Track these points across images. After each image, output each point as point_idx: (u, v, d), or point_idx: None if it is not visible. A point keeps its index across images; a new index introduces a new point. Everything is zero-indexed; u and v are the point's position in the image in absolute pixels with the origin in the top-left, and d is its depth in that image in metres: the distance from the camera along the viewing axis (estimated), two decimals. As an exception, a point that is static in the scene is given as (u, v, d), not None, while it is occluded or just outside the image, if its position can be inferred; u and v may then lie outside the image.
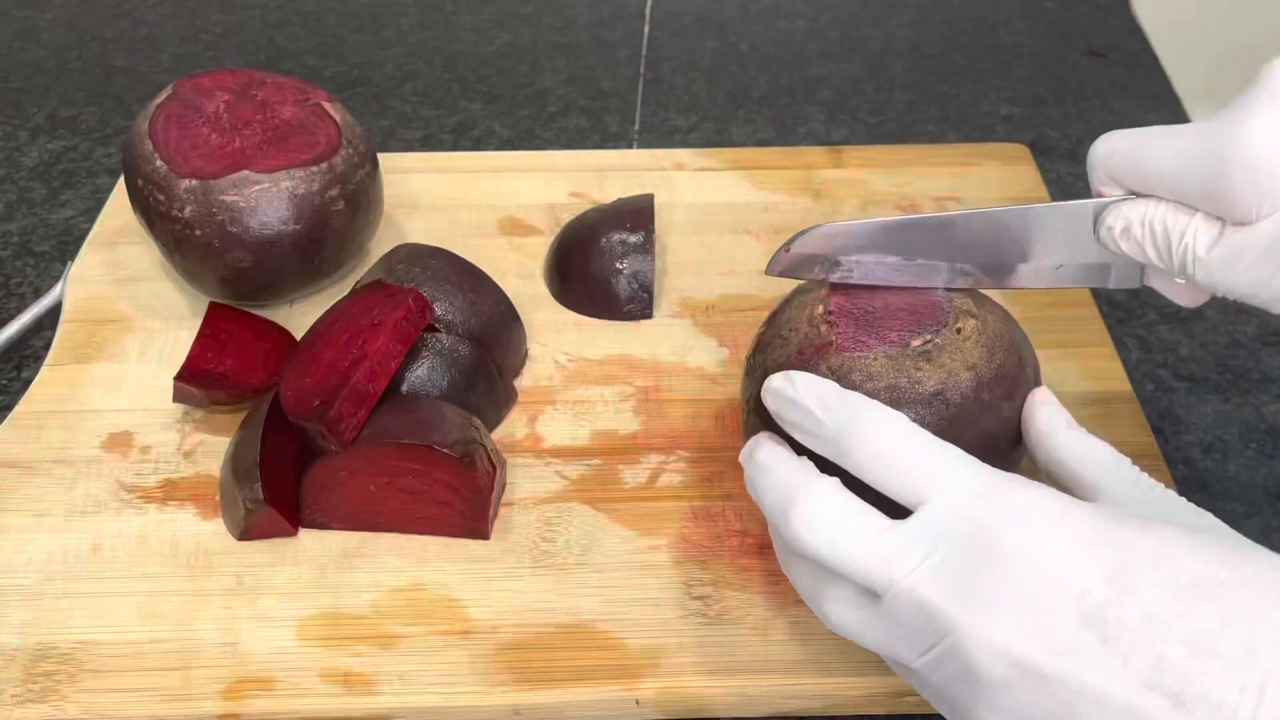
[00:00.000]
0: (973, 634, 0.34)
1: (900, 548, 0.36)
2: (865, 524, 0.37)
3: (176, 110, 0.59)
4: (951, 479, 0.37)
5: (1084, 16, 0.94)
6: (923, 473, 0.37)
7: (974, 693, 0.35)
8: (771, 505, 0.40)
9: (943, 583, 0.35)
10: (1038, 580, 0.34)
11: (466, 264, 0.57)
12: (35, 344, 0.65)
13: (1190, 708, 0.32)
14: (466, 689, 0.46)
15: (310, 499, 0.51)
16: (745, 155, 0.73)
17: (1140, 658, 0.33)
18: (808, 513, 0.38)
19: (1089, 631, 0.33)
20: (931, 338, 0.44)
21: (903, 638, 0.37)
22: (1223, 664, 0.32)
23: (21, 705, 0.45)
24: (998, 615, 0.34)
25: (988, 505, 0.36)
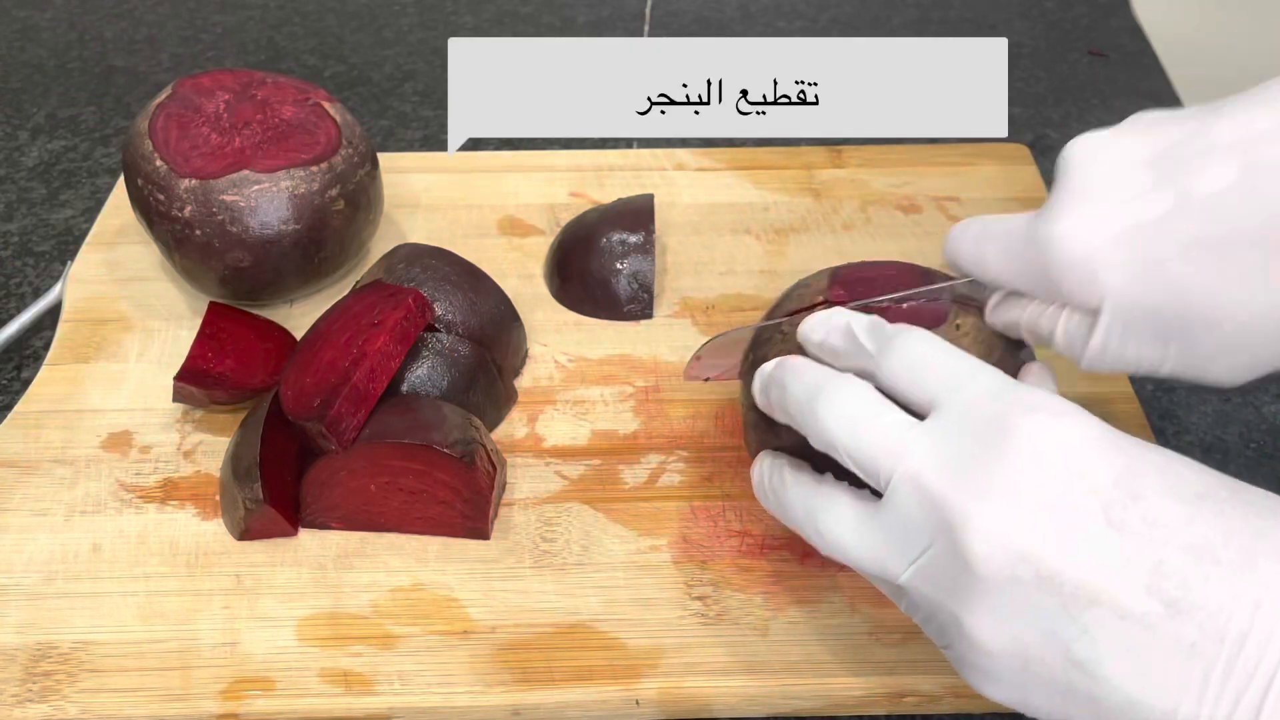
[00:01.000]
0: (975, 524, 0.34)
1: (915, 437, 0.37)
2: (886, 418, 0.38)
3: (176, 110, 0.59)
4: (973, 380, 0.37)
5: (1084, 16, 0.94)
6: (946, 377, 0.38)
7: (968, 596, 0.35)
8: (799, 396, 0.40)
9: (948, 471, 0.35)
10: (1048, 470, 0.34)
11: (466, 264, 0.57)
12: (35, 344, 0.65)
13: (1187, 614, 0.32)
14: (466, 689, 0.46)
15: (310, 499, 0.51)
16: (745, 155, 0.73)
17: (1141, 561, 0.33)
18: (837, 396, 0.39)
19: (1099, 528, 0.33)
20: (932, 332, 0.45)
21: (898, 543, 0.36)
22: (1222, 572, 0.32)
23: (21, 705, 0.45)
24: (1004, 504, 0.34)
25: (1000, 401, 0.36)
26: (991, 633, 0.35)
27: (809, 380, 0.40)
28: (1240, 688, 0.31)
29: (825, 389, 0.39)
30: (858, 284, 0.48)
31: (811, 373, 0.41)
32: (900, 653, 0.47)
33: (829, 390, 0.39)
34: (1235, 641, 0.31)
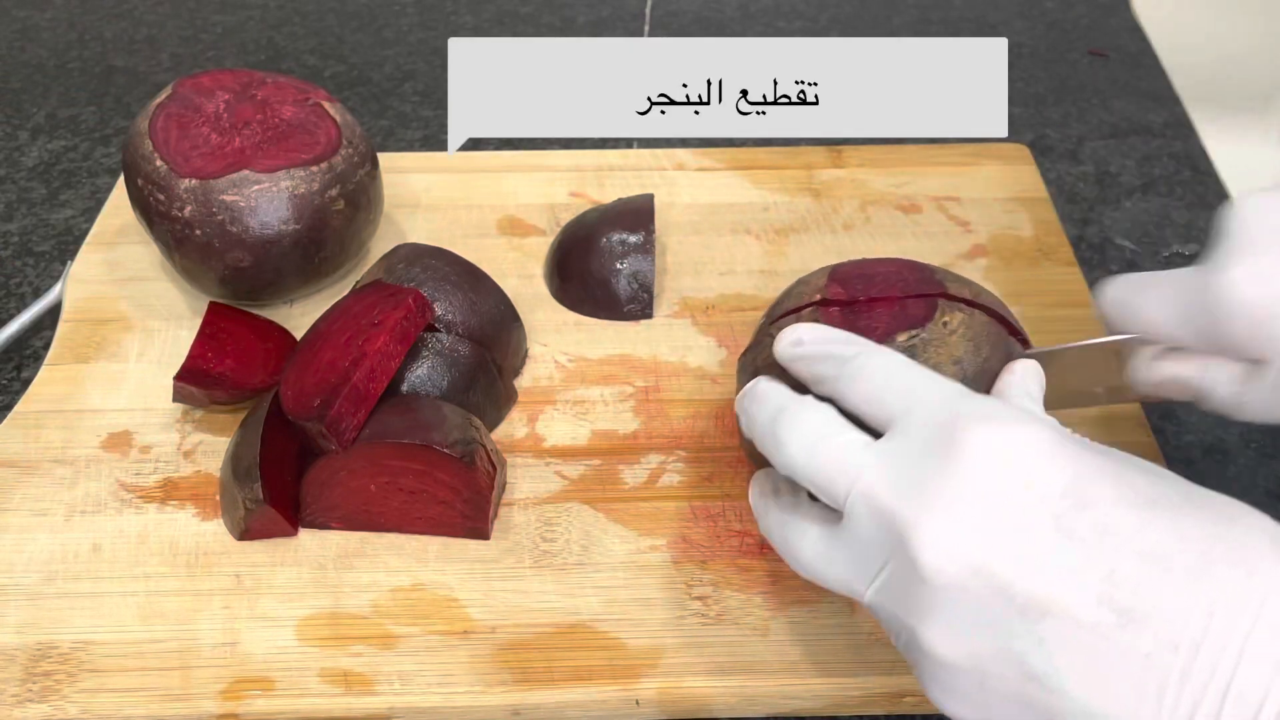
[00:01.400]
0: (925, 537, 0.34)
1: (870, 457, 0.37)
2: (845, 438, 0.38)
3: (176, 110, 0.59)
4: (926, 395, 0.37)
5: (1084, 16, 0.94)
6: (902, 396, 0.38)
7: (923, 610, 0.34)
8: (762, 422, 0.40)
9: (900, 486, 0.35)
10: (996, 480, 0.34)
11: (466, 264, 0.57)
12: (35, 344, 0.65)
13: (1140, 623, 0.31)
14: (466, 689, 0.46)
15: (310, 499, 0.51)
16: (745, 155, 0.73)
17: (1093, 570, 0.32)
18: (794, 422, 0.39)
19: (1047, 536, 0.33)
20: (918, 332, 0.45)
21: (859, 562, 0.37)
22: (1175, 579, 0.32)
23: (21, 705, 0.45)
24: (953, 513, 0.34)
25: (951, 412, 0.36)
26: (948, 646, 0.34)
27: (772, 405, 0.41)
28: (1197, 696, 0.31)
29: (785, 413, 0.40)
30: (856, 281, 0.48)
31: (774, 397, 0.41)
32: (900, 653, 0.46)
33: (789, 414, 0.39)
34: (1190, 649, 0.31)
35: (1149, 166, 0.77)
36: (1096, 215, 0.73)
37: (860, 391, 0.39)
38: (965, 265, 0.65)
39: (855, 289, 0.47)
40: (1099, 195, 0.75)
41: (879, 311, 0.46)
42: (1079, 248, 0.70)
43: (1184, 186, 0.76)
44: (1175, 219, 0.73)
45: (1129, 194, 0.75)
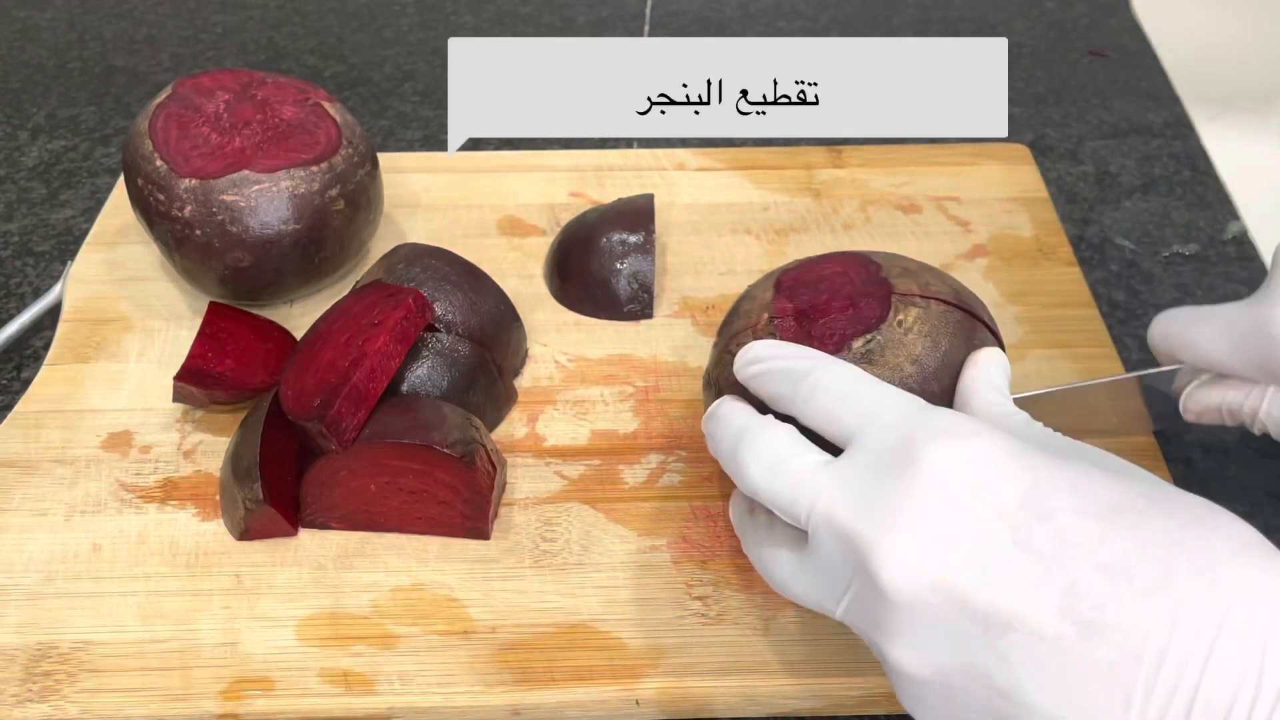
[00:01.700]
0: (883, 553, 0.34)
1: (829, 477, 0.37)
2: (804, 459, 0.38)
3: (176, 110, 0.59)
4: (883, 412, 0.37)
5: (1084, 16, 0.94)
6: (860, 411, 0.38)
7: (888, 627, 0.34)
8: (724, 446, 0.41)
9: (858, 504, 0.35)
10: (952, 495, 0.34)
11: (466, 264, 0.57)
12: (35, 344, 0.65)
13: (1103, 635, 0.31)
14: (466, 689, 0.46)
15: (310, 499, 0.51)
16: (745, 155, 0.73)
17: (1053, 583, 0.32)
18: (754, 445, 0.39)
19: (1005, 549, 0.33)
20: (874, 335, 0.44)
21: (826, 582, 0.37)
22: (1137, 589, 0.31)
23: (21, 705, 0.45)
24: (911, 531, 0.34)
25: (906, 428, 0.36)
26: (915, 663, 0.34)
27: (733, 427, 0.41)
28: (1163, 706, 0.31)
29: (746, 435, 0.40)
30: (802, 290, 0.47)
31: (735, 419, 0.41)
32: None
33: (749, 437, 0.39)
34: (1154, 660, 0.31)
35: (1149, 166, 0.77)
36: (1096, 215, 0.73)
37: (816, 409, 0.39)
38: (965, 265, 0.65)
39: (802, 299, 0.47)
40: (1099, 195, 0.75)
41: (834, 317, 0.45)
42: (1079, 248, 0.70)
43: (1184, 186, 0.76)
44: (1175, 219, 0.73)
45: (1129, 194, 0.75)
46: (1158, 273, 0.69)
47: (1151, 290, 0.68)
